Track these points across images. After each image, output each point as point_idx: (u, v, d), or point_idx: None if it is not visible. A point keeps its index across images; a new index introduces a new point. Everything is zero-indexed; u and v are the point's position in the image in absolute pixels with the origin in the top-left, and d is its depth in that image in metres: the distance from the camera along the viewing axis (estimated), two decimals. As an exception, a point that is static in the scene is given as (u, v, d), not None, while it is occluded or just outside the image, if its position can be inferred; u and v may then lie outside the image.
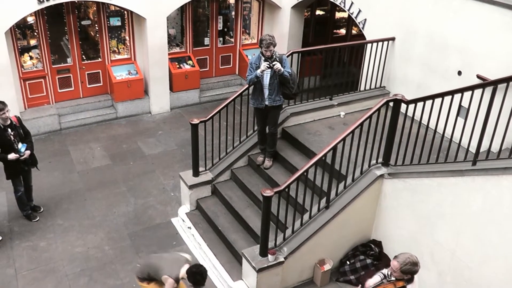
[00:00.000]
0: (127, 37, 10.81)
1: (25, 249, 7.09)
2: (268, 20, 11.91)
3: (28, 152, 7.16)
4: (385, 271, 5.21)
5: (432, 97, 6.05)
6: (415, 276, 4.59)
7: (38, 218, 7.69)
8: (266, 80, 6.83)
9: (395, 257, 4.64)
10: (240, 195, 7.39)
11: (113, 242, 7.28)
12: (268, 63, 6.63)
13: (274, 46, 6.66)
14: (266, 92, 6.91)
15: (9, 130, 6.97)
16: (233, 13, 11.92)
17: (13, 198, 7.65)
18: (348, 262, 6.66)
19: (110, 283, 6.57)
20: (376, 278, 5.16)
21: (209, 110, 7.94)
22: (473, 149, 5.72)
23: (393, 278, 4.84)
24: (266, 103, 6.98)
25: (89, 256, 7.03)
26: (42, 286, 6.48)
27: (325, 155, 6.04)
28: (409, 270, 4.49)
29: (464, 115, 5.86)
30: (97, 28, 10.42)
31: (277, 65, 6.63)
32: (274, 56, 6.70)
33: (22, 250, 7.07)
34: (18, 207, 7.67)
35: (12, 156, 6.94)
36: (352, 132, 6.11)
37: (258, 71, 6.70)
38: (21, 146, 7.08)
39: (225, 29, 12.03)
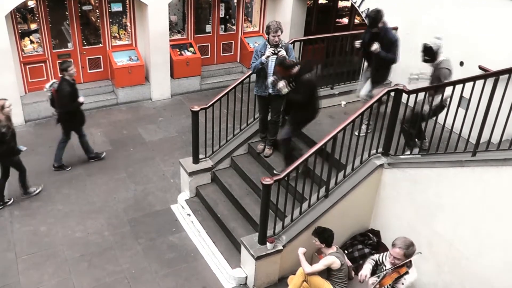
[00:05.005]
0: (128, 23, 10.75)
1: (26, 234, 7.13)
2: (271, 8, 11.84)
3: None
4: (375, 256, 5.25)
5: (434, 87, 6.03)
6: (411, 259, 4.66)
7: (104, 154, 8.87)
8: (271, 68, 6.83)
9: (394, 245, 4.66)
10: (240, 183, 7.41)
11: (112, 228, 7.32)
12: (272, 50, 6.64)
13: (281, 32, 6.71)
14: (270, 80, 6.90)
15: None
16: (235, 0, 11.84)
17: (12, 182, 7.68)
18: (346, 251, 6.69)
19: (109, 268, 6.61)
20: (367, 266, 5.21)
21: (210, 97, 7.91)
22: (473, 140, 5.71)
23: (389, 266, 4.87)
24: (270, 91, 6.97)
25: (89, 241, 7.06)
26: (42, 271, 6.52)
27: (325, 144, 6.05)
28: (412, 251, 4.56)
29: (465, 106, 5.85)
30: (98, 13, 10.37)
31: (282, 52, 6.63)
32: (281, 45, 6.71)
33: (23, 235, 7.11)
34: (86, 152, 8.68)
35: (82, 99, 8.07)
36: (353, 121, 6.11)
37: (263, 57, 6.72)
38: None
39: (227, 17, 11.96)
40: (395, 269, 4.76)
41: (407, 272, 4.66)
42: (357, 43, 7.25)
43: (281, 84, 6.41)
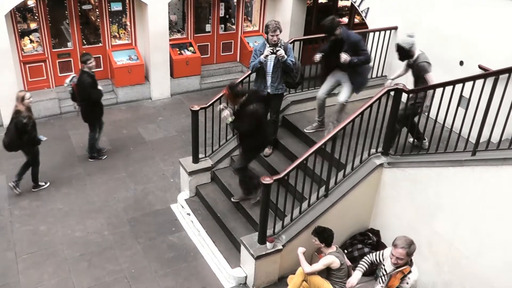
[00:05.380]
0: (128, 22, 10.75)
1: (25, 233, 7.13)
2: (270, 7, 11.83)
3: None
4: (371, 256, 5.24)
5: (433, 87, 6.03)
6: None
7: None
8: (270, 68, 6.83)
9: (395, 245, 4.65)
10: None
11: (112, 227, 7.32)
12: (271, 48, 6.65)
13: (280, 32, 6.69)
14: (269, 79, 6.91)
15: None
16: (235, 0, 11.85)
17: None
18: (346, 251, 6.68)
19: (109, 268, 6.61)
20: (357, 274, 5.23)
21: (210, 96, 7.91)
22: (473, 139, 5.71)
23: (389, 266, 4.87)
24: (269, 90, 6.98)
25: (88, 240, 7.06)
26: (42, 270, 6.52)
27: (325, 143, 6.05)
28: (413, 249, 4.57)
29: (465, 105, 5.85)
30: (98, 12, 10.36)
31: (280, 52, 6.63)
32: (279, 44, 6.71)
33: (23, 234, 7.11)
34: (90, 149, 8.78)
35: (101, 86, 8.34)
36: (353, 120, 6.11)
37: (262, 56, 6.73)
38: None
39: (227, 16, 11.96)
40: (399, 270, 4.75)
41: (410, 271, 4.66)
42: (317, 57, 6.92)
43: (225, 113, 6.30)
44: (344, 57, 6.65)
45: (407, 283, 4.63)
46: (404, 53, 6.35)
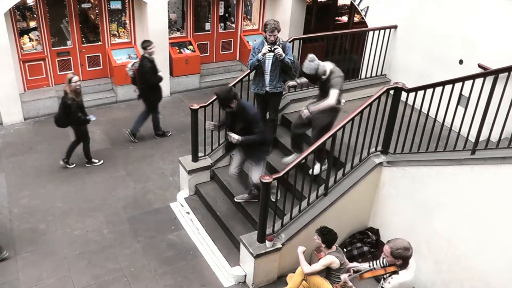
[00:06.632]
0: (127, 21, 10.74)
1: (25, 231, 7.12)
2: (270, 6, 11.82)
3: None
4: (380, 261, 5.23)
5: (433, 85, 6.03)
6: (412, 262, 4.60)
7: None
8: (268, 66, 6.83)
9: (388, 241, 4.65)
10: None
11: (112, 226, 7.31)
12: (269, 47, 6.65)
13: (278, 32, 6.69)
14: (267, 78, 6.91)
15: None
16: (234, -2, 11.85)
17: (11, 180, 7.67)
18: (345, 250, 6.69)
19: (108, 266, 6.61)
20: (363, 265, 5.20)
21: (209, 95, 7.92)
22: (472, 138, 5.71)
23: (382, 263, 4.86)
24: (267, 89, 6.98)
25: (88, 239, 7.06)
26: (41, 268, 6.52)
27: (324, 142, 6.04)
28: (400, 255, 4.49)
29: (464, 104, 5.85)
30: (97, 11, 10.35)
31: (278, 50, 6.63)
32: (278, 42, 6.71)
33: (22, 232, 7.10)
34: (156, 128, 9.52)
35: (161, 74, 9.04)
36: (352, 119, 6.10)
37: (260, 54, 6.73)
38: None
39: (226, 15, 11.95)
40: (383, 267, 4.75)
41: (396, 272, 4.62)
42: (210, 126, 6.56)
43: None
44: (235, 138, 6.15)
45: (389, 283, 4.60)
46: (312, 77, 6.25)
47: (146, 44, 8.75)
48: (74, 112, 7.91)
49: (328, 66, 6.24)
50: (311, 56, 6.15)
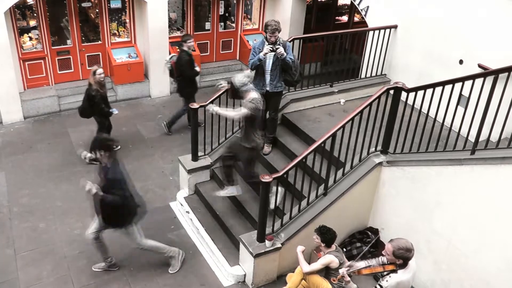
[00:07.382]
0: (127, 20, 10.73)
1: (25, 230, 7.12)
2: (270, 5, 11.82)
3: None
4: (379, 259, 5.23)
5: (433, 85, 6.04)
6: (412, 263, 4.60)
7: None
8: (268, 65, 6.84)
9: (391, 240, 4.65)
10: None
11: (111, 225, 7.30)
12: (271, 46, 6.65)
13: (279, 32, 6.70)
14: (268, 77, 6.91)
15: None
16: (234, -3, 11.85)
17: (11, 179, 7.65)
18: (345, 249, 6.70)
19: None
20: (362, 262, 5.20)
21: (209, 95, 7.89)
22: (472, 138, 5.72)
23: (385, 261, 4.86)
24: (267, 88, 6.98)
25: (87, 238, 7.04)
26: (41, 267, 6.52)
27: (324, 142, 6.05)
28: (402, 255, 4.50)
29: (464, 104, 5.85)
30: (97, 10, 10.35)
31: (280, 50, 6.64)
32: (278, 42, 6.72)
33: (22, 231, 7.10)
34: (171, 121, 9.58)
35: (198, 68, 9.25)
36: (352, 119, 6.11)
37: (261, 54, 6.73)
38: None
39: (227, 14, 11.94)
40: (381, 265, 4.76)
41: (394, 271, 4.63)
42: (93, 187, 5.72)
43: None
44: (94, 191, 5.67)
45: (387, 281, 4.61)
46: (234, 90, 6.25)
47: (186, 37, 9.10)
48: (97, 103, 8.12)
49: (252, 94, 6.22)
50: (250, 72, 6.64)
